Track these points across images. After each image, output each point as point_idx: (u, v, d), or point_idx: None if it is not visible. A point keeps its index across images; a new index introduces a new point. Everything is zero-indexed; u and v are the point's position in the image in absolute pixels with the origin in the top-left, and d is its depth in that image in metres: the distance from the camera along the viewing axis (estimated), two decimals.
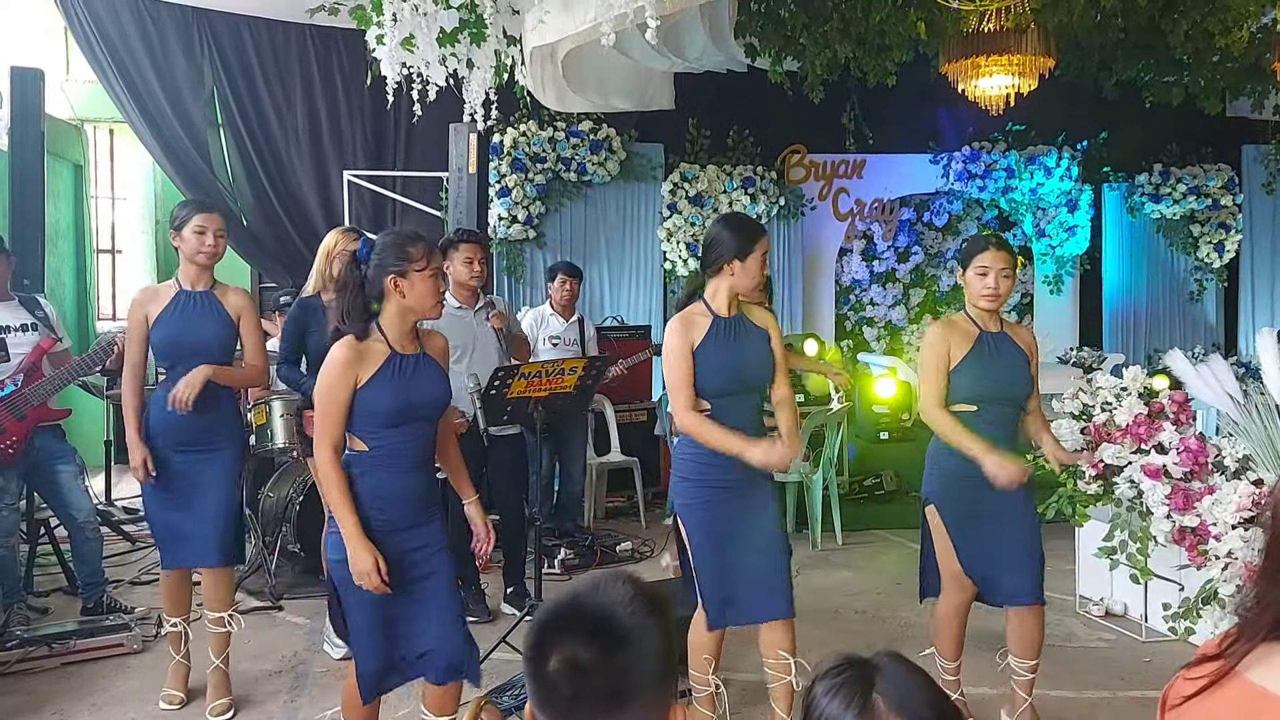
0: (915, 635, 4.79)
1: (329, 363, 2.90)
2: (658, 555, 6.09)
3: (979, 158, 9.08)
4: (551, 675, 1.30)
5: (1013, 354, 3.55)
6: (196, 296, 3.83)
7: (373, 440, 2.92)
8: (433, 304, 2.96)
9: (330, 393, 2.89)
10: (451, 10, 4.75)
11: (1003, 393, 3.52)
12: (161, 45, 7.82)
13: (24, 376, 4.61)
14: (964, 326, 3.55)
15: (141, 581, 5.53)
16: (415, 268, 2.90)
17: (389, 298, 2.92)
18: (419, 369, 2.97)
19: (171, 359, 3.80)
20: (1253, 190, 9.55)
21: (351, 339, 2.90)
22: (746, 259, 3.32)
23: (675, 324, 3.36)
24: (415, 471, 2.99)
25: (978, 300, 3.51)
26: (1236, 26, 5.96)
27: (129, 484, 7.85)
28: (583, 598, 1.35)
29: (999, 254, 3.48)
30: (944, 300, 9.63)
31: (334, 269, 4.48)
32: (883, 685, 1.27)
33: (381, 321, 2.95)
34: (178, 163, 8.00)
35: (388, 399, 2.89)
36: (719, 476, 3.31)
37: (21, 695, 4.07)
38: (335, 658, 4.45)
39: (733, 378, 3.32)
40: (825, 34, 6.21)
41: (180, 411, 3.70)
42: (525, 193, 8.13)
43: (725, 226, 3.41)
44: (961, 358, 3.49)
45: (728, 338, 3.33)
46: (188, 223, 3.79)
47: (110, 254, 9.68)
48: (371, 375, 2.88)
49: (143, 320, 3.80)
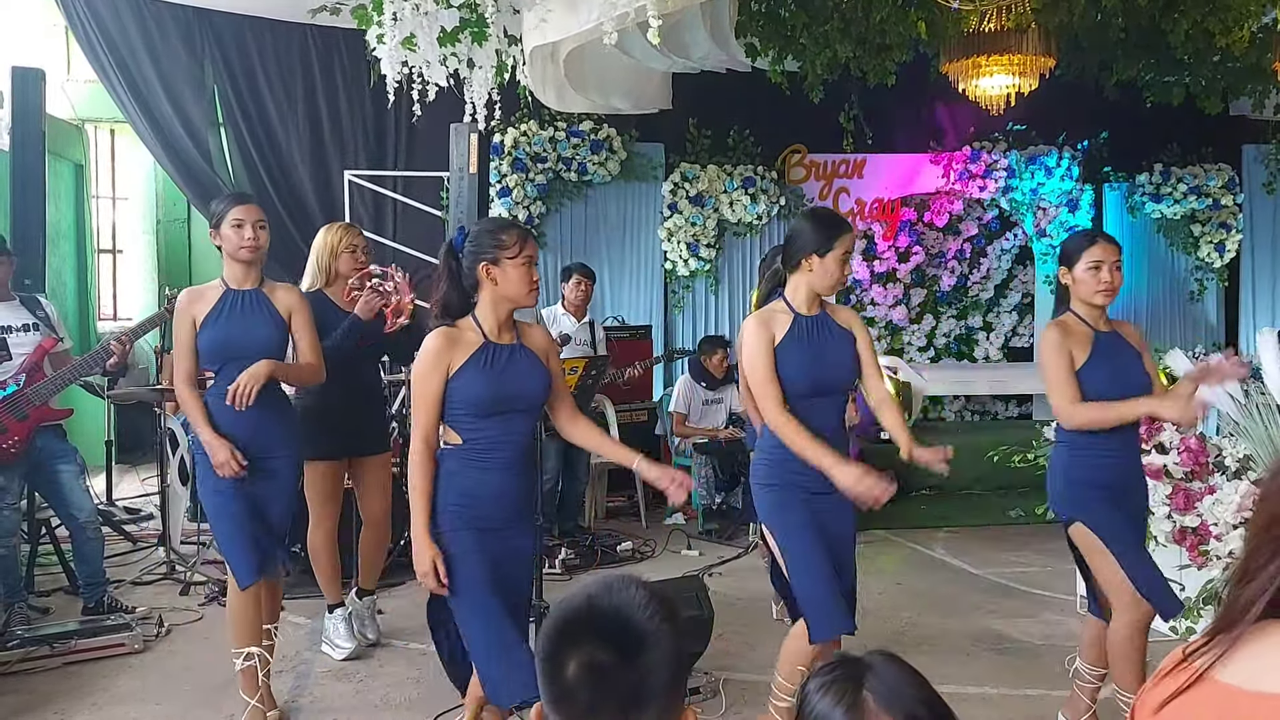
0: (916, 635, 4.80)
1: (422, 352, 2.89)
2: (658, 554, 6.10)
3: (979, 157, 9.08)
4: (570, 680, 1.29)
5: (1128, 353, 3.38)
6: (245, 295, 3.63)
7: (466, 432, 2.89)
8: (526, 292, 2.92)
9: (422, 382, 2.88)
10: (452, 9, 4.75)
11: (1124, 394, 3.28)
12: (163, 45, 7.82)
13: (26, 376, 4.61)
14: (1078, 328, 3.35)
15: (143, 582, 5.53)
16: (508, 255, 2.87)
17: (483, 286, 2.91)
18: (513, 360, 2.93)
19: (221, 361, 3.60)
20: (1253, 190, 9.54)
21: (445, 328, 2.90)
22: (825, 255, 3.18)
23: (752, 322, 3.24)
24: (510, 470, 2.94)
25: (1092, 297, 3.31)
26: (1237, 26, 5.96)
27: (130, 484, 7.86)
28: (598, 601, 1.33)
29: (1109, 246, 3.33)
30: (944, 300, 9.64)
31: (340, 265, 4.46)
32: (873, 683, 1.27)
33: (477, 311, 2.93)
34: (179, 162, 7.99)
35: (478, 388, 2.86)
36: (805, 482, 3.18)
37: (23, 695, 4.07)
38: (336, 658, 4.46)
39: (812, 380, 3.20)
40: (825, 34, 6.21)
41: (238, 408, 3.49)
42: (526, 193, 8.13)
43: (806, 219, 3.29)
44: (1083, 362, 3.30)
45: (809, 338, 3.21)
46: (224, 217, 3.59)
47: (111, 254, 9.69)
48: (463, 364, 2.87)
49: (190, 325, 3.59)
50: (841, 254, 3.18)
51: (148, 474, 7.72)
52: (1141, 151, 9.23)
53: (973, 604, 5.29)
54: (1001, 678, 4.27)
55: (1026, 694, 4.12)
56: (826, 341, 3.24)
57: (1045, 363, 3.34)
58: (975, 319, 9.70)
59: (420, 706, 3.99)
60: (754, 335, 3.20)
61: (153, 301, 8.97)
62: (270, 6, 7.80)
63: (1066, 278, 3.38)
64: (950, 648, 4.60)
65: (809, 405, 3.20)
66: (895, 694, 1.26)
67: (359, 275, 4.38)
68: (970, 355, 9.71)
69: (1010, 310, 9.71)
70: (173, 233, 9.53)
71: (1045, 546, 6.16)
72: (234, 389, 3.49)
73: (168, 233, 9.50)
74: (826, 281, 3.21)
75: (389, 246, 7.99)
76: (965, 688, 4.10)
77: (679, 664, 1.35)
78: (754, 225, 8.66)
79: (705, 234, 8.50)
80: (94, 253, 9.16)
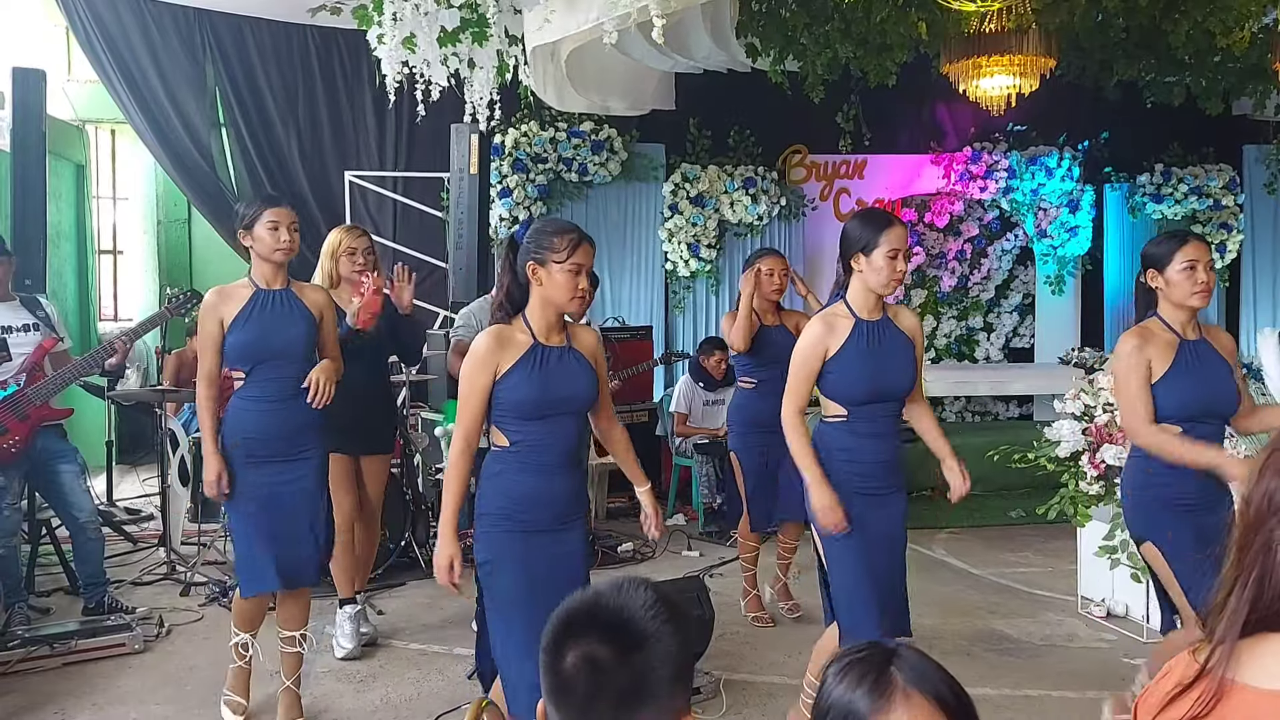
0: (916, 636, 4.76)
1: (472, 350, 2.86)
2: (658, 555, 6.10)
3: (980, 158, 9.08)
4: (568, 671, 1.32)
5: (1216, 364, 3.16)
6: (276, 295, 3.60)
7: (513, 434, 2.86)
8: (569, 299, 2.85)
9: (469, 380, 2.85)
10: (453, 9, 4.75)
11: (1210, 408, 3.14)
12: (163, 45, 7.83)
13: (26, 376, 4.61)
14: (1162, 335, 3.16)
15: (143, 582, 5.53)
16: (555, 258, 2.81)
17: (531, 286, 2.87)
18: (562, 362, 2.89)
19: (253, 361, 3.55)
20: (1254, 191, 9.54)
21: (497, 328, 2.87)
22: (872, 252, 3.11)
23: (816, 324, 3.20)
24: (558, 472, 2.91)
25: (1189, 299, 3.12)
26: (1238, 27, 5.95)
27: (130, 484, 7.86)
28: (604, 598, 1.36)
29: (1202, 245, 3.14)
30: (945, 301, 9.64)
31: (340, 268, 4.47)
32: (899, 664, 1.28)
33: (527, 311, 2.89)
34: (179, 163, 8.00)
35: (525, 389, 2.82)
36: (856, 483, 3.18)
37: (23, 695, 4.07)
38: (338, 657, 4.46)
39: (872, 387, 3.16)
40: (826, 34, 6.20)
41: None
42: (527, 193, 8.13)
43: (853, 218, 3.24)
44: (1163, 372, 3.11)
45: (870, 343, 3.16)
46: (259, 219, 3.58)
47: (112, 254, 9.70)
48: (512, 365, 2.83)
49: (218, 325, 3.54)
50: (889, 250, 3.10)
51: (148, 474, 7.72)
52: (1142, 152, 9.23)
53: (973, 604, 5.28)
54: (1002, 678, 4.27)
55: (1027, 694, 4.12)
56: (887, 347, 3.19)
57: (1119, 374, 3.18)
58: (976, 320, 9.70)
59: (420, 707, 4.00)
60: (807, 338, 3.19)
61: (153, 302, 8.98)
62: (271, 7, 7.80)
63: (1157, 280, 3.18)
64: (951, 648, 4.59)
65: (863, 412, 3.18)
66: (922, 674, 1.27)
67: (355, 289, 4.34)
68: (971, 356, 9.71)
69: (1011, 311, 9.70)
70: (173, 233, 9.54)
71: (1046, 547, 6.16)
72: (315, 389, 3.53)
73: (168, 233, 9.52)
74: (879, 279, 3.14)
75: (390, 247, 7.99)
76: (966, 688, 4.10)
77: (679, 667, 1.36)
78: (755, 226, 8.66)
79: (706, 234, 8.50)
80: (94, 253, 9.16)
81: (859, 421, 3.18)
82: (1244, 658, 1.21)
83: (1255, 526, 1.24)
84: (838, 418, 3.23)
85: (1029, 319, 9.67)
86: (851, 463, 3.19)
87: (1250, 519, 1.25)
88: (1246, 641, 1.21)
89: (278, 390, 3.56)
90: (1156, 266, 3.18)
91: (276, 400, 3.56)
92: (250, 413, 3.56)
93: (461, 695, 4.01)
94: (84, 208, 8.91)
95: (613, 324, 7.91)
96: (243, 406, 3.57)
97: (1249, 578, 1.22)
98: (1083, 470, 4.70)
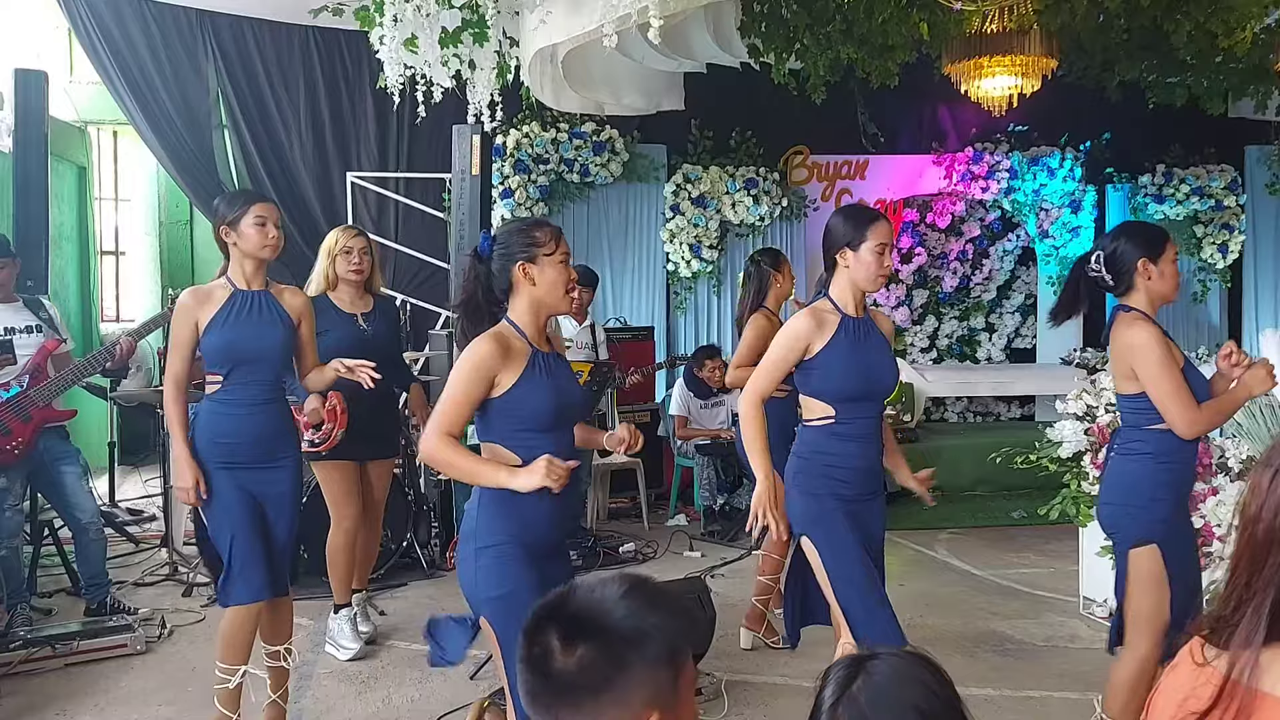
0: (918, 636, 4.78)
1: (472, 350, 2.63)
2: (660, 556, 6.10)
3: (982, 159, 9.07)
4: (525, 661, 1.34)
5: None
6: (254, 297, 3.48)
7: (522, 450, 2.64)
8: (563, 294, 2.74)
9: (465, 382, 2.61)
10: (454, 10, 4.75)
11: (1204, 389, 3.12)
12: (165, 46, 7.83)
13: (29, 378, 4.62)
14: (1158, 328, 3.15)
15: (145, 583, 5.54)
16: (544, 252, 2.69)
17: (519, 290, 2.70)
18: (559, 368, 2.77)
19: (230, 364, 3.43)
20: (1256, 191, 9.54)
21: (497, 332, 2.67)
22: (860, 247, 3.06)
23: (805, 317, 3.12)
24: (571, 489, 2.71)
25: (1173, 293, 3.18)
26: (1240, 27, 5.95)
27: (133, 485, 7.87)
28: (575, 592, 1.37)
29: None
30: (947, 302, 9.63)
31: (337, 268, 4.48)
32: (863, 680, 1.29)
33: (515, 318, 2.72)
34: (181, 164, 8.00)
35: (542, 397, 2.66)
36: (847, 492, 3.12)
37: (25, 696, 4.08)
38: (341, 658, 4.46)
39: (861, 383, 3.12)
40: (828, 35, 6.20)
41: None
42: (528, 194, 8.13)
43: (837, 214, 3.19)
44: (1184, 362, 3.10)
45: (857, 340, 3.12)
46: (245, 215, 3.42)
47: (114, 256, 9.71)
48: (520, 374, 2.64)
49: (192, 327, 3.43)
50: (876, 245, 3.06)
51: (150, 475, 7.73)
52: (1144, 152, 9.23)
53: (975, 605, 5.28)
54: (1003, 679, 4.27)
55: (1029, 695, 4.12)
56: (873, 344, 3.17)
57: (1155, 373, 2.99)
58: (978, 320, 9.69)
59: (422, 707, 4.00)
60: (793, 326, 3.13)
61: (155, 303, 8.99)
62: (273, 8, 7.81)
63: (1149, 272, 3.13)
64: (952, 649, 4.60)
65: (856, 409, 3.13)
66: (881, 693, 1.28)
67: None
68: (973, 356, 9.71)
69: (1013, 311, 9.70)
70: (175, 234, 9.55)
71: (1048, 548, 6.16)
72: (360, 375, 3.61)
73: (170, 234, 9.53)
74: (865, 275, 3.09)
75: (391, 248, 8.00)
76: (967, 689, 4.09)
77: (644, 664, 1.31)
78: (756, 226, 8.66)
79: (708, 235, 8.50)
80: (96, 254, 9.18)
81: (843, 424, 3.12)
82: (1269, 668, 1.20)
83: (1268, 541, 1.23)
84: (822, 419, 3.16)
85: (1031, 319, 9.67)
86: (832, 468, 3.13)
87: (1260, 537, 1.24)
88: (1267, 652, 1.20)
89: (254, 394, 3.46)
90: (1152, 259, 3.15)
91: (253, 404, 3.45)
92: (226, 416, 3.44)
93: (463, 696, 4.01)
94: (86, 209, 8.91)
95: (615, 324, 7.91)
96: (218, 410, 3.45)
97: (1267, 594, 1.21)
98: (1085, 471, 4.70)
